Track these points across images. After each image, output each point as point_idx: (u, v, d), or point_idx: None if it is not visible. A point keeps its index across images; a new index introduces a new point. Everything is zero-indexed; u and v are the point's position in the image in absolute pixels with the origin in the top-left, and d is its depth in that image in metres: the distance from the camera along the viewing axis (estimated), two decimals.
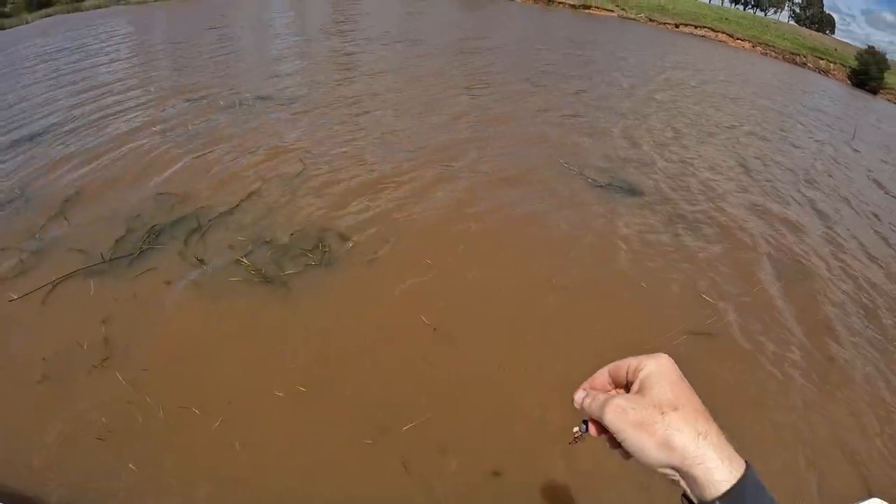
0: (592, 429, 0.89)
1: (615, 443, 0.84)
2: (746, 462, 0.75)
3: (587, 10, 53.61)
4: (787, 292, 6.66)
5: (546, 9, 50.74)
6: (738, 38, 54.58)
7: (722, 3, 70.51)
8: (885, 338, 6.24)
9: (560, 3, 53.11)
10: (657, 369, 0.82)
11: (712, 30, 54.50)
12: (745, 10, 71.39)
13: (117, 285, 5.22)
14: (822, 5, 75.91)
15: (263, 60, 15.82)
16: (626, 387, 0.86)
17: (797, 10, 75.43)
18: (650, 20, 54.55)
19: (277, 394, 4.12)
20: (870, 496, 3.05)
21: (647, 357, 0.84)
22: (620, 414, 0.80)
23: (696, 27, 54.41)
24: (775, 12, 73.97)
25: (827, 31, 72.53)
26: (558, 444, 3.97)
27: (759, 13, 71.68)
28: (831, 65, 53.26)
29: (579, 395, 0.90)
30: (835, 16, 76.21)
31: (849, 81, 50.46)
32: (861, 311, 6.74)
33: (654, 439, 0.76)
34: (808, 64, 53.41)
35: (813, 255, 7.91)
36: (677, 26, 54.50)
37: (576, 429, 0.92)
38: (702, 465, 0.74)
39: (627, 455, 0.83)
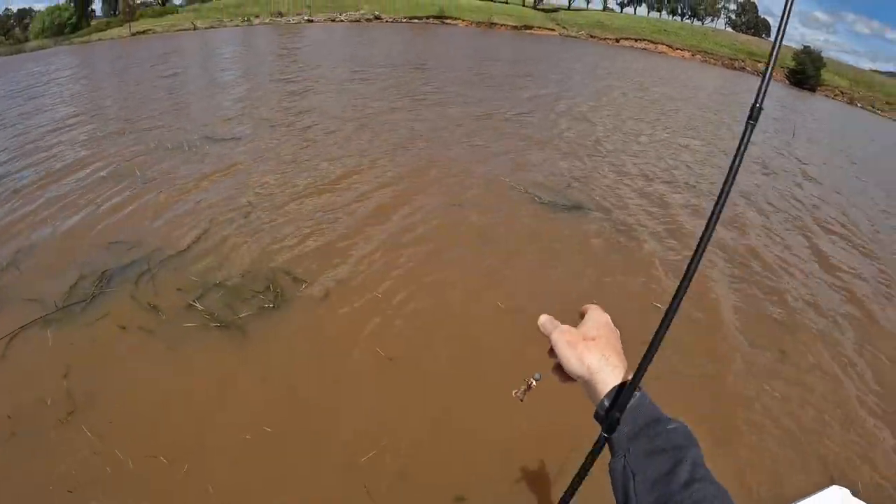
0: (548, 372, 1.15)
1: (558, 367, 1.11)
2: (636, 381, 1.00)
3: (529, 31, 54.74)
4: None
5: (489, 31, 51.82)
6: (677, 49, 56.26)
7: (660, 15, 72.25)
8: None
9: (502, 25, 54.09)
10: (593, 315, 1.14)
11: (652, 42, 56.01)
12: (682, 20, 73.35)
13: (74, 334, 5.16)
14: (757, 10, 78.38)
15: (209, 99, 15.82)
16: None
17: (733, 17, 77.71)
18: (591, 36, 55.97)
19: (246, 437, 4.13)
20: (831, 483, 3.16)
21: (591, 308, 1.17)
22: (561, 335, 1.10)
23: (636, 40, 55.95)
24: (712, 20, 76.27)
25: (763, 35, 74.91)
26: (520, 469, 4.05)
27: (697, 23, 73.79)
28: None
29: (544, 317, 1.17)
30: (769, 19, 78.68)
31: (787, 81, 52.40)
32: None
33: (575, 354, 1.06)
34: (747, 68, 55.22)
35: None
36: (618, 41, 56.06)
37: (532, 381, 1.19)
38: (599, 374, 1.04)
39: (563, 378, 1.12)
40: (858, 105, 50.40)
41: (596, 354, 1.05)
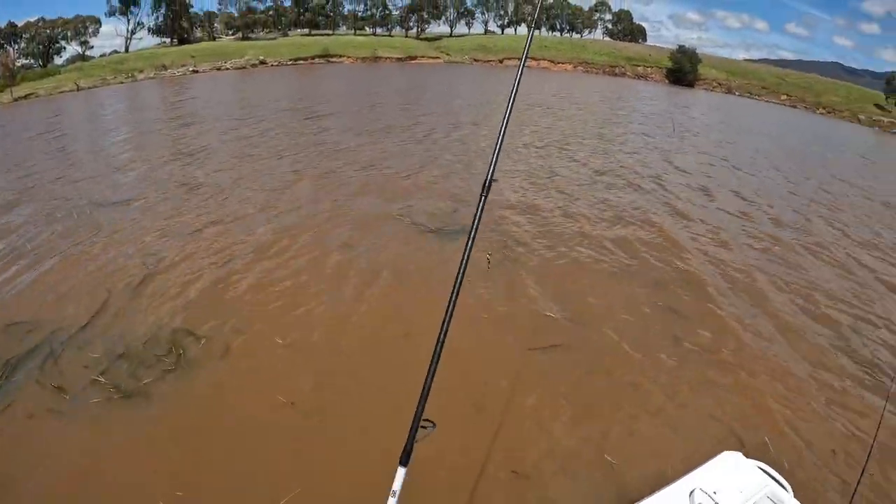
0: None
1: None
2: None
3: (413, 60, 56.02)
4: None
5: (374, 64, 52.73)
6: (559, 62, 58.95)
7: (540, 32, 74.77)
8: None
9: (387, 58, 55.15)
10: None
11: (534, 59, 58.28)
12: (561, 35, 76.12)
13: None
14: (632, 18, 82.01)
15: (95, 163, 15.68)
16: None
17: (610, 27, 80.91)
18: (475, 60, 57.89)
19: None
20: (739, 450, 3.51)
21: None
22: None
23: (518, 59, 57.77)
24: (590, 32, 79.29)
25: (640, 40, 78.42)
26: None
27: (576, 36, 76.68)
28: (648, 69, 58.54)
29: None
30: (645, 25, 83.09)
31: (667, 80, 55.71)
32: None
33: None
34: (627, 73, 58.48)
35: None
36: (501, 61, 58.24)
37: (488, 256, 1.49)
38: None
39: None
40: (736, 93, 54.06)
41: None
